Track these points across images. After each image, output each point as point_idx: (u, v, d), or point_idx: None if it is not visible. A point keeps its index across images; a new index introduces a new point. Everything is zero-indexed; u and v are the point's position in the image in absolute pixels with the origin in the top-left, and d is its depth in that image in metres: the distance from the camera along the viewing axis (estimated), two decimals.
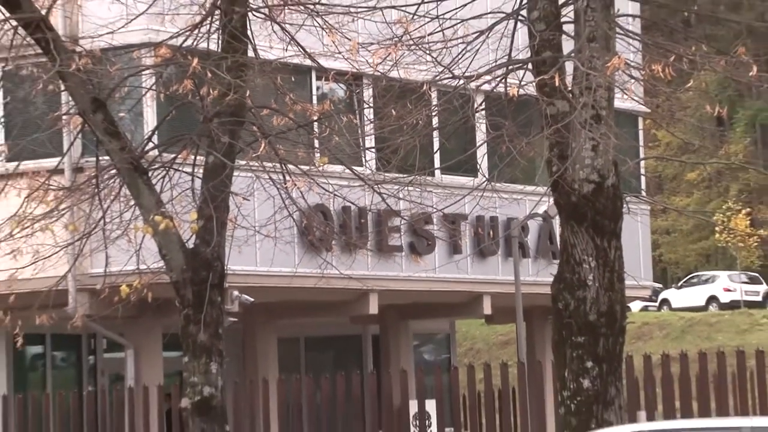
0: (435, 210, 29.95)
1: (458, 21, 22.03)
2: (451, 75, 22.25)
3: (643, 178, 36.81)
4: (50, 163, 25.75)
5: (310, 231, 28.91)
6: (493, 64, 21.82)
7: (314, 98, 28.52)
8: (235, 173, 23.54)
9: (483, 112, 26.91)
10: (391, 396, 25.84)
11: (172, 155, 23.85)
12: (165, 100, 25.24)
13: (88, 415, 27.91)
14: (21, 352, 30.68)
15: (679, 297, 66.17)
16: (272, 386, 27.12)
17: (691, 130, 44.12)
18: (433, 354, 38.09)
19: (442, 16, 22.00)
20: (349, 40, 23.79)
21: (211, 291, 23.38)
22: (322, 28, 23.85)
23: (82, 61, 23.33)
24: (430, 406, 25.38)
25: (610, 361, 21.03)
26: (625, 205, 22.11)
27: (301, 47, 23.97)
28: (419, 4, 21.95)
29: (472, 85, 22.84)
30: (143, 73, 25.46)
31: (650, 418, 23.15)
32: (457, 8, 21.95)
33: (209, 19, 22.92)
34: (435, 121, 26.04)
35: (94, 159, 24.65)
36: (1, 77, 26.56)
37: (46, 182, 24.40)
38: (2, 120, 28.38)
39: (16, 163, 25.88)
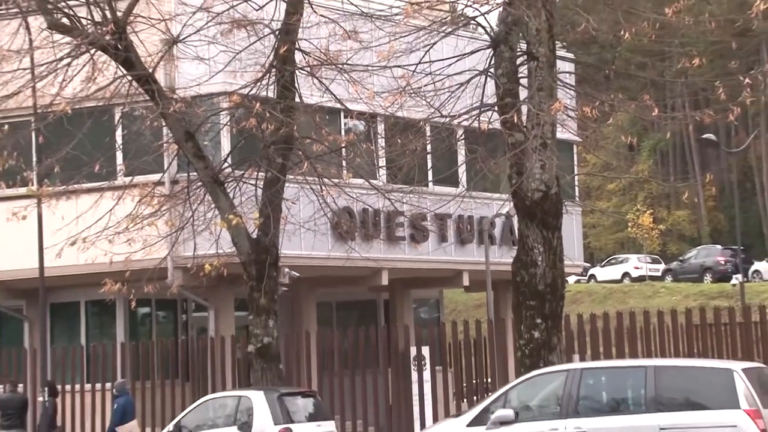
0: (428, 211, 30.25)
1: (445, 76, 22.24)
2: (440, 114, 22.43)
3: (576, 188, 37.01)
4: (155, 177, 26.31)
5: (339, 226, 29.22)
6: (470, 107, 22.04)
7: (342, 131, 28.76)
8: (286, 185, 24.04)
9: (462, 141, 27.20)
10: (398, 344, 26.31)
11: (241, 172, 24.58)
12: (236, 133, 25.90)
13: (181, 357, 28.08)
14: (133, 312, 30.81)
15: (602, 273, 66.45)
16: (312, 337, 27.51)
17: (610, 154, 44.24)
18: (427, 313, 38.24)
19: (433, 72, 22.01)
20: (367, 89, 24.19)
21: (269, 268, 24.37)
22: (348, 81, 24.10)
23: (177, 105, 24.13)
24: (425, 351, 25.60)
25: (553, 318, 21.87)
26: (564, 207, 22.29)
27: (333, 95, 24.83)
28: (417, 64, 22.32)
29: (455, 121, 23.12)
30: (221, 113, 25.69)
31: (582, 359, 23.30)
32: (443, 67, 22.04)
33: (268, 75, 23.30)
34: (428, 147, 26.08)
35: (186, 174, 24.93)
36: (121, 116, 26.64)
37: (152, 191, 24.68)
38: (121, 147, 28.46)
39: (131, 177, 25.95)
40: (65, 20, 24.31)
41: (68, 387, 28.16)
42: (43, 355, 28.61)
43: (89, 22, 24.23)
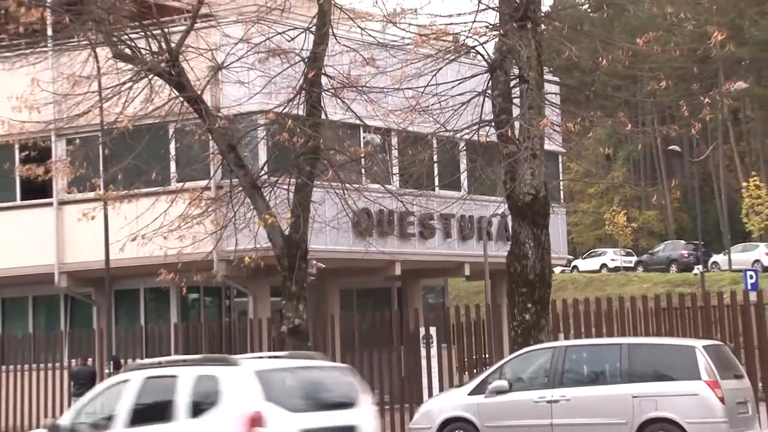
0: (435, 211, 30.21)
1: (449, 96, 22.25)
2: (444, 129, 22.42)
3: (561, 192, 36.91)
4: (202, 183, 26.58)
5: (359, 224, 29.22)
6: (470, 123, 22.06)
7: (361, 143, 28.71)
8: (314, 189, 23.95)
9: (464, 152, 27.18)
10: (409, 324, 26.13)
11: (276, 178, 24.62)
12: (271, 145, 25.88)
13: (225, 336, 28.00)
14: (184, 297, 30.96)
15: (583, 264, 66.30)
16: (336, 319, 27.35)
17: (590, 162, 44.36)
18: (434, 299, 38.13)
19: (438, 93, 22.01)
20: (383, 108, 24.24)
21: (299, 261, 24.26)
22: (366, 101, 24.12)
23: (221, 121, 24.17)
24: (432, 331, 25.47)
25: (541, 303, 21.94)
26: (550, 208, 22.33)
27: (354, 112, 24.74)
28: (425, 86, 22.31)
29: (458, 135, 23.18)
30: (258, 128, 25.84)
31: (566, 338, 23.23)
32: (447, 89, 22.08)
33: (298, 96, 23.28)
34: (435, 157, 26.10)
35: (229, 180, 25.17)
36: (174, 132, 26.66)
37: (200, 195, 24.76)
38: (174, 157, 28.52)
39: (182, 183, 26.05)
40: (127, 50, 24.38)
41: (130, 361, 28.18)
42: (108, 334, 28.78)
43: (147, 51, 24.31)
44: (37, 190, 30.37)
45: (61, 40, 26.60)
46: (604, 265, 65.86)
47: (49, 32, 25.91)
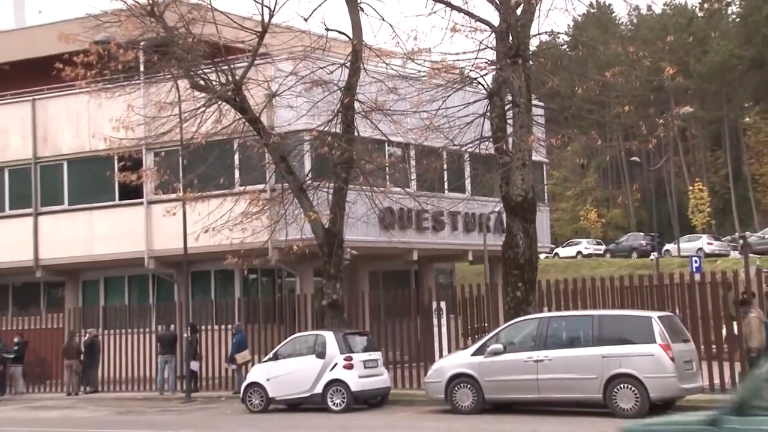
0: (445, 209, 30.05)
1: (455, 117, 22.45)
2: (452, 144, 22.33)
3: (545, 194, 36.74)
4: (260, 186, 26.81)
5: (384, 220, 29.18)
6: (473, 139, 22.05)
7: (386, 155, 28.63)
8: (348, 192, 23.81)
9: (468, 162, 26.95)
10: (423, 299, 25.94)
11: (318, 183, 24.38)
12: (314, 156, 25.58)
13: (277, 308, 27.90)
14: (245, 277, 31.02)
15: (563, 252, 65.74)
16: (365, 295, 27.22)
17: (568, 170, 44.27)
18: (443, 279, 37.86)
19: (447, 115, 22.05)
20: (403, 127, 24.27)
21: (336, 248, 24.53)
22: (390, 121, 24.09)
23: (275, 138, 23.92)
24: (443, 304, 25.29)
25: (530, 283, 21.94)
26: (537, 207, 22.19)
27: (380, 130, 25.05)
28: (437, 110, 22.17)
29: (463, 149, 23.17)
30: (304, 143, 25.98)
31: (549, 311, 23.04)
32: (455, 111, 22.32)
33: (336, 117, 23.18)
34: (445, 166, 26.06)
35: (281, 185, 25.16)
36: (237, 146, 26.69)
37: (258, 196, 24.81)
38: (237, 166, 28.55)
39: (244, 186, 26.14)
40: (201, 82, 24.49)
41: (203, 327, 28.25)
42: (186, 306, 28.77)
43: (217, 83, 24.39)
44: (131, 193, 30.37)
45: (150, 74, 26.69)
46: (579, 252, 65.39)
47: (141, 68, 25.92)
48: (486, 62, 22.53)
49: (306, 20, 23.36)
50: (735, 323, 21.38)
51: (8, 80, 33.72)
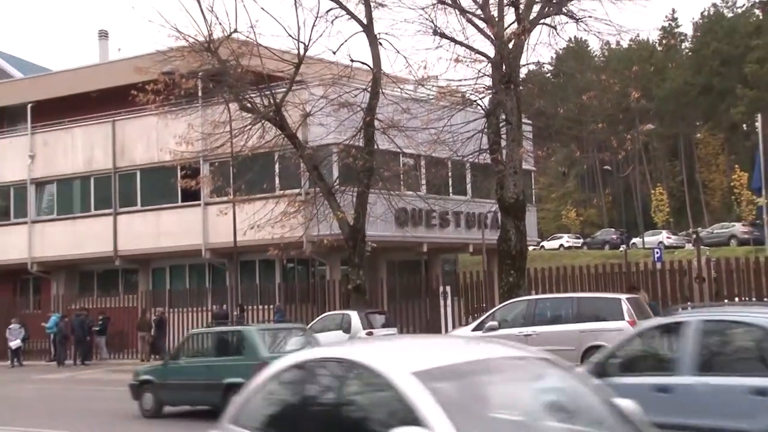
0: (450, 209, 29.71)
1: (459, 133, 22.66)
2: (456, 155, 22.15)
3: (533, 197, 36.37)
4: (296, 190, 26.57)
5: (399, 218, 28.77)
6: (474, 150, 21.74)
7: (401, 164, 28.34)
8: (369, 195, 23.48)
9: (469, 170, 26.59)
10: (432, 285, 25.73)
11: (344, 188, 24.03)
12: (341, 165, 25.26)
13: (310, 291, 27.75)
14: (284, 266, 30.71)
15: (548, 244, 64.93)
16: (384, 281, 26.96)
17: (552, 177, 43.95)
18: (449, 267, 37.50)
19: (452, 131, 21.79)
20: (415, 141, 24.28)
21: (359, 242, 24.48)
22: (404, 136, 24.12)
23: (308, 150, 23.60)
24: (448, 289, 25.06)
25: (520, 271, 21.72)
26: (526, 207, 21.76)
27: (395, 143, 24.91)
28: (443, 127, 22.19)
29: (465, 159, 22.92)
30: (332, 154, 26.07)
31: (536, 294, 22.74)
32: (458, 128, 21.78)
33: (359, 133, 22.98)
34: (449, 173, 25.73)
35: (313, 189, 25.03)
36: (278, 157, 26.53)
37: (294, 198, 24.67)
38: (278, 173, 28.34)
39: (283, 191, 25.88)
40: (248, 104, 24.32)
41: (249, 307, 28.10)
42: (235, 289, 28.67)
43: (261, 105, 24.22)
44: (191, 196, 30.21)
45: (207, 99, 26.67)
46: (561, 245, 64.84)
47: (200, 94, 25.82)
48: (484, 87, 22.60)
49: (334, 53, 23.47)
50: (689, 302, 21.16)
51: (94, 105, 33.76)
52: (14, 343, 30.20)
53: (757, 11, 79.49)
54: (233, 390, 13.24)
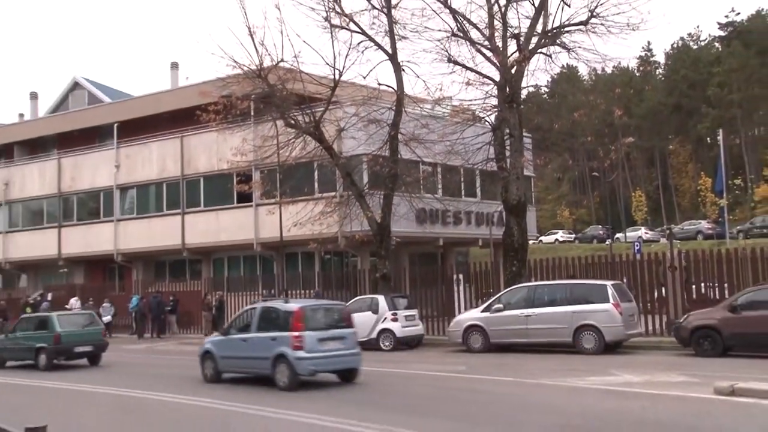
0: (462, 209, 29.34)
1: (470, 144, 22.68)
2: (468, 163, 21.86)
3: (533, 198, 35.95)
4: (333, 193, 26.37)
5: (419, 217, 28.48)
6: (483, 160, 21.47)
7: (421, 171, 28.07)
8: (394, 197, 23.33)
9: (478, 175, 26.16)
10: (447, 272, 25.34)
11: (373, 191, 24.02)
12: (369, 172, 25.03)
13: (345, 279, 27.17)
14: (322, 257, 30.52)
15: (546, 239, 64.21)
16: (406, 270, 26.59)
17: (549, 182, 43.41)
18: (461, 259, 37.13)
19: (464, 143, 21.54)
20: (432, 151, 24.37)
21: (386, 237, 24.27)
22: (424, 147, 24.16)
23: (342, 159, 23.33)
24: (461, 276, 24.76)
25: (522, 261, 21.61)
26: (527, 208, 21.50)
27: (416, 153, 24.84)
28: (456, 139, 22.19)
29: (475, 166, 22.55)
30: (363, 163, 25.90)
31: (536, 281, 22.39)
32: (469, 140, 21.76)
33: (385, 145, 22.86)
34: (462, 179, 25.36)
35: (347, 192, 24.61)
36: (317, 165, 26.31)
37: (331, 200, 24.45)
38: (317, 179, 28.24)
39: (321, 194, 25.73)
40: (292, 121, 24.22)
41: (293, 292, 28.03)
42: (282, 277, 28.56)
43: (303, 122, 24.10)
44: (244, 198, 30.17)
45: (258, 117, 26.59)
46: (557, 239, 64.24)
47: (252, 113, 25.78)
48: (490, 106, 22.40)
49: (364, 78, 23.46)
50: (663, 289, 20.74)
51: (166, 124, 34.22)
52: (106, 318, 30.74)
53: (716, 44, 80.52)
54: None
